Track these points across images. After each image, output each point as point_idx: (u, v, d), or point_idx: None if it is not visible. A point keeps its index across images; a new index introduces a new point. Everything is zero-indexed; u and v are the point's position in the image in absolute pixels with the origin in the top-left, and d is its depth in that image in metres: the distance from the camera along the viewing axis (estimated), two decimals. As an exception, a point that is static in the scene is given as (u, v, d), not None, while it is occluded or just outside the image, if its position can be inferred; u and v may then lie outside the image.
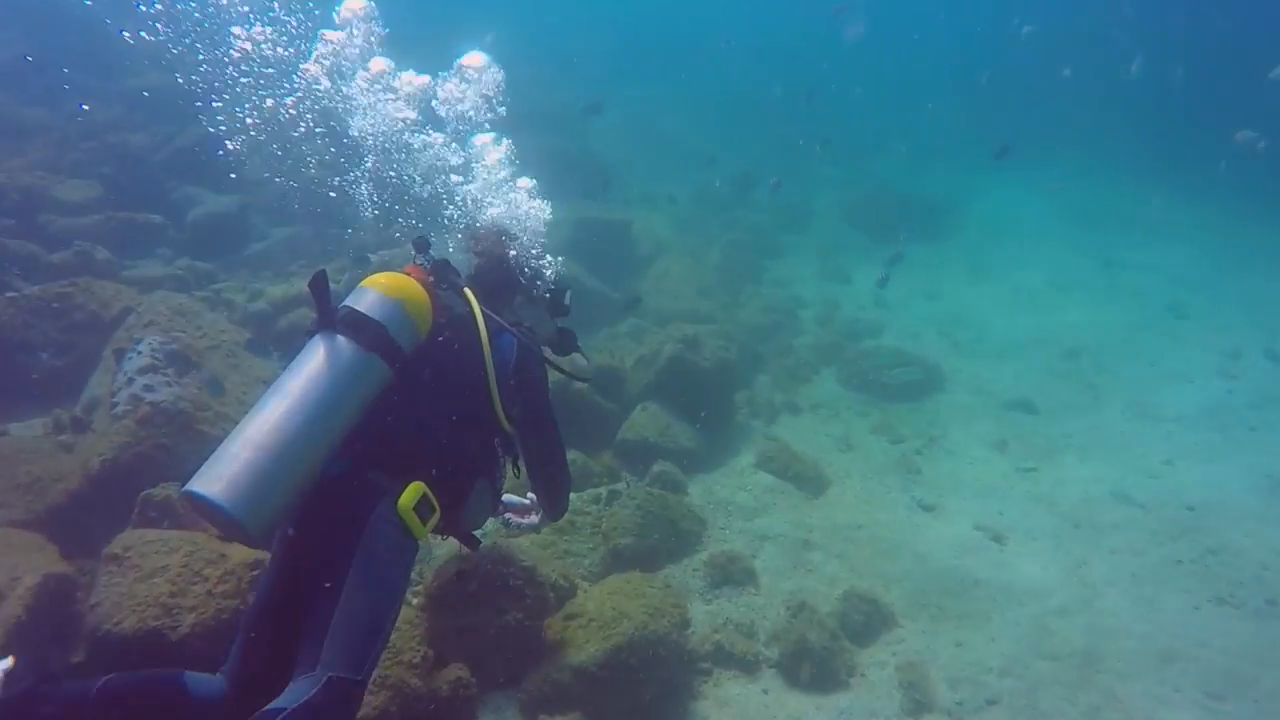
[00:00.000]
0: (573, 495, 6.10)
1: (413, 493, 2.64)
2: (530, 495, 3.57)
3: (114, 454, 5.40)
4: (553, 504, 3.46)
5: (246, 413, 2.58)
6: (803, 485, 7.46)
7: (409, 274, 2.94)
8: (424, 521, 2.69)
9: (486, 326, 2.96)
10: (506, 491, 3.45)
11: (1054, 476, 7.88)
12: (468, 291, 3.05)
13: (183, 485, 2.44)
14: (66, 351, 6.90)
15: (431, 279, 3.01)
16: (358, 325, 2.68)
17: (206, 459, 2.47)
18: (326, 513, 2.59)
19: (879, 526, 6.98)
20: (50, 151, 10.41)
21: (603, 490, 6.99)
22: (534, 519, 3.61)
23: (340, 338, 2.65)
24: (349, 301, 2.79)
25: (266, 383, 4.07)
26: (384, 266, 8.59)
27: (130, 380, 5.85)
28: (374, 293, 2.78)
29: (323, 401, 2.54)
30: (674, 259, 12.17)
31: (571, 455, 7.11)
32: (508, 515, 3.62)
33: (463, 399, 2.88)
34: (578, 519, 6.57)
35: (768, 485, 7.38)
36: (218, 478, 2.37)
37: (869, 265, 13.42)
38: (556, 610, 5.32)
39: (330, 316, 2.70)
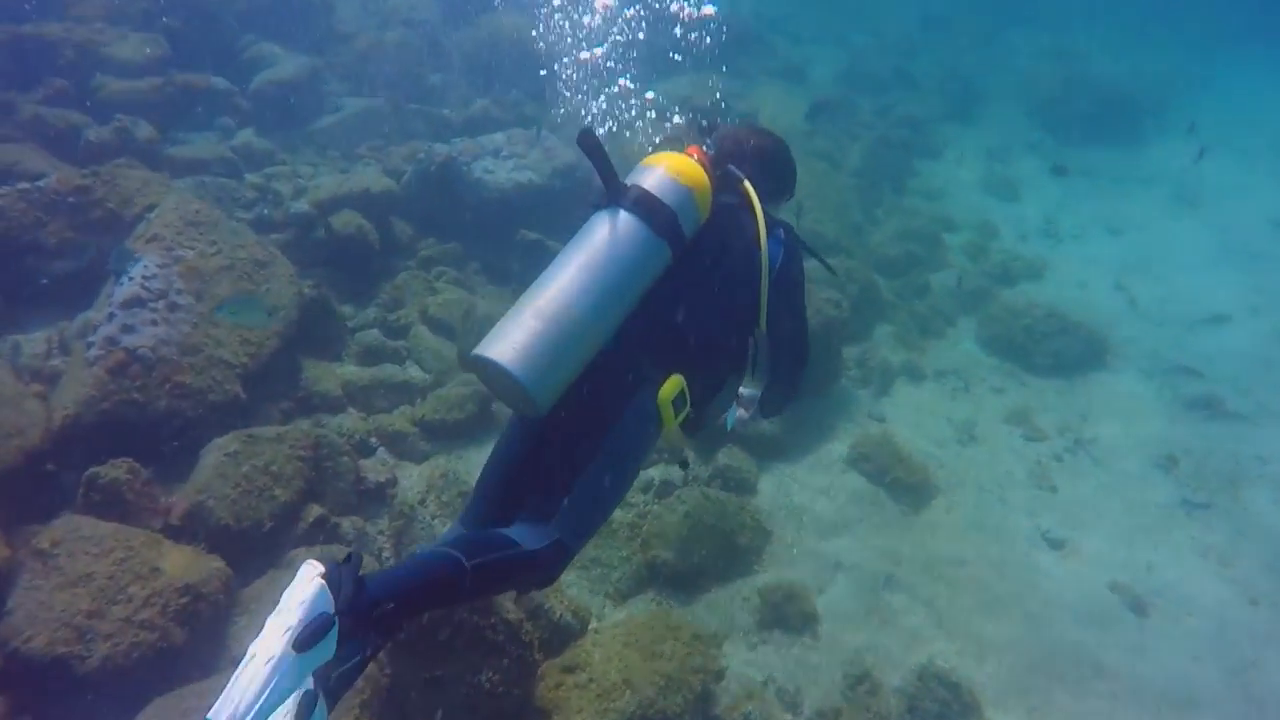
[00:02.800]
0: None
1: (673, 385, 2.67)
2: (744, 391, 3.35)
3: (77, 409, 4.84)
4: (785, 401, 3.33)
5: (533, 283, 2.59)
6: (901, 495, 6.22)
7: (691, 156, 2.85)
8: (676, 414, 2.70)
9: (765, 225, 2.90)
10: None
11: (1233, 520, 6.29)
12: (748, 186, 2.98)
13: (469, 352, 2.53)
14: (78, 255, 6.33)
15: (712, 165, 2.92)
16: (651, 208, 2.64)
17: (493, 329, 2.50)
18: (591, 389, 2.60)
19: (987, 565, 5.74)
20: (117, -3, 9.69)
21: (655, 474, 6.05)
22: (747, 413, 3.42)
23: (631, 217, 2.62)
24: (636, 179, 2.73)
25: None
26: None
27: (111, 315, 5.20)
28: (664, 174, 2.72)
29: (613, 282, 2.56)
30: (803, 163, 10.45)
31: None
32: (737, 411, 3.43)
33: (732, 294, 2.88)
34: (614, 515, 5.66)
35: (857, 491, 6.19)
36: (511, 345, 2.41)
37: (1047, 180, 11.25)
38: (558, 652, 4.55)
39: (620, 192, 2.68)
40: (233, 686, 1.89)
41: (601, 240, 2.60)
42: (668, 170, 2.72)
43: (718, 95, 11.24)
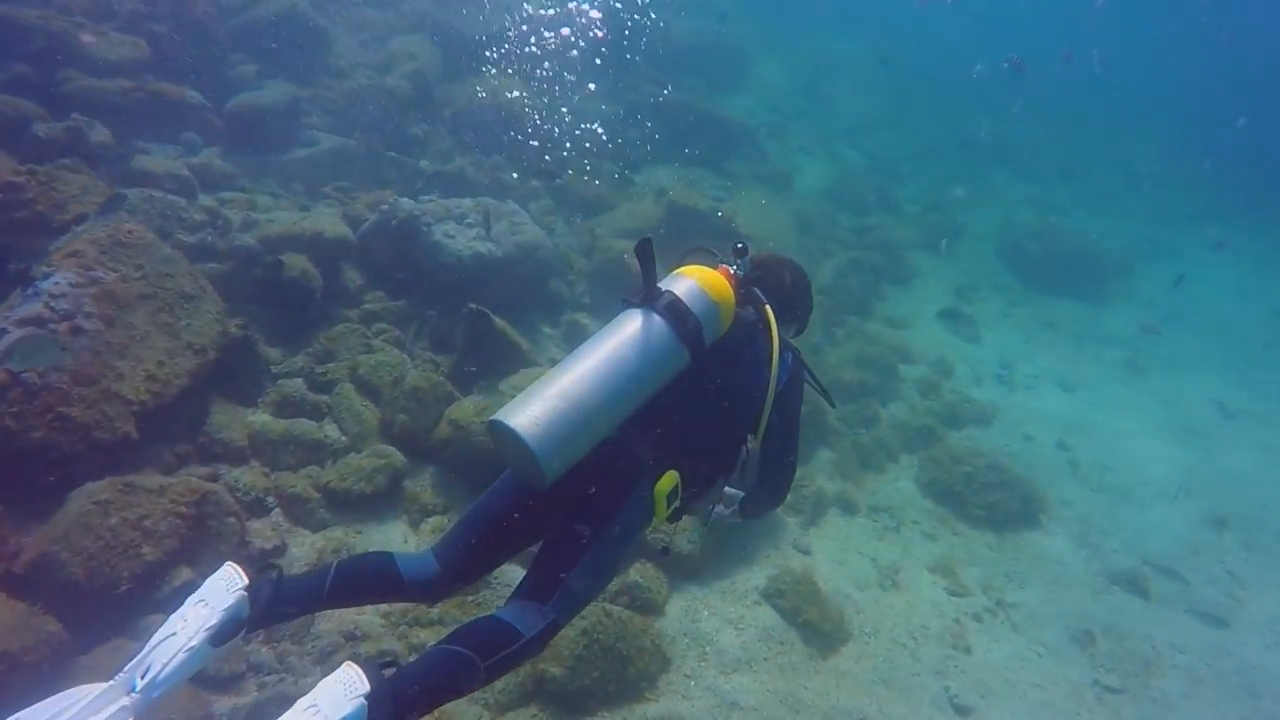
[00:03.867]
0: (517, 574, 5.05)
1: (669, 480, 2.88)
2: (728, 490, 3.51)
3: (-52, 433, 4.50)
4: (766, 508, 3.55)
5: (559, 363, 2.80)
6: (812, 638, 6.02)
7: (721, 274, 3.09)
8: (667, 507, 2.91)
9: (778, 345, 3.14)
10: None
11: (1141, 709, 6.16)
12: (769, 310, 3.22)
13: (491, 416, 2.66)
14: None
15: (739, 285, 3.18)
16: (679, 314, 2.86)
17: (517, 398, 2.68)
18: (593, 473, 2.78)
19: (888, 727, 5.51)
20: (107, -6, 9.54)
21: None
22: (727, 510, 3.59)
23: (660, 320, 2.84)
24: (670, 286, 2.94)
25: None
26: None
27: (3, 332, 4.89)
28: (695, 286, 2.94)
29: (635, 376, 2.75)
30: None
31: None
32: (718, 506, 3.63)
33: (736, 404, 3.10)
34: (510, 620, 5.37)
35: (767, 627, 5.97)
36: (531, 418, 2.57)
37: (1008, 326, 11.41)
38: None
39: (655, 294, 2.89)
40: (154, 650, 2.51)
41: (630, 336, 2.82)
42: (699, 283, 2.96)
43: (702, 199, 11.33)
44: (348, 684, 2.39)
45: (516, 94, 11.24)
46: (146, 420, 5.36)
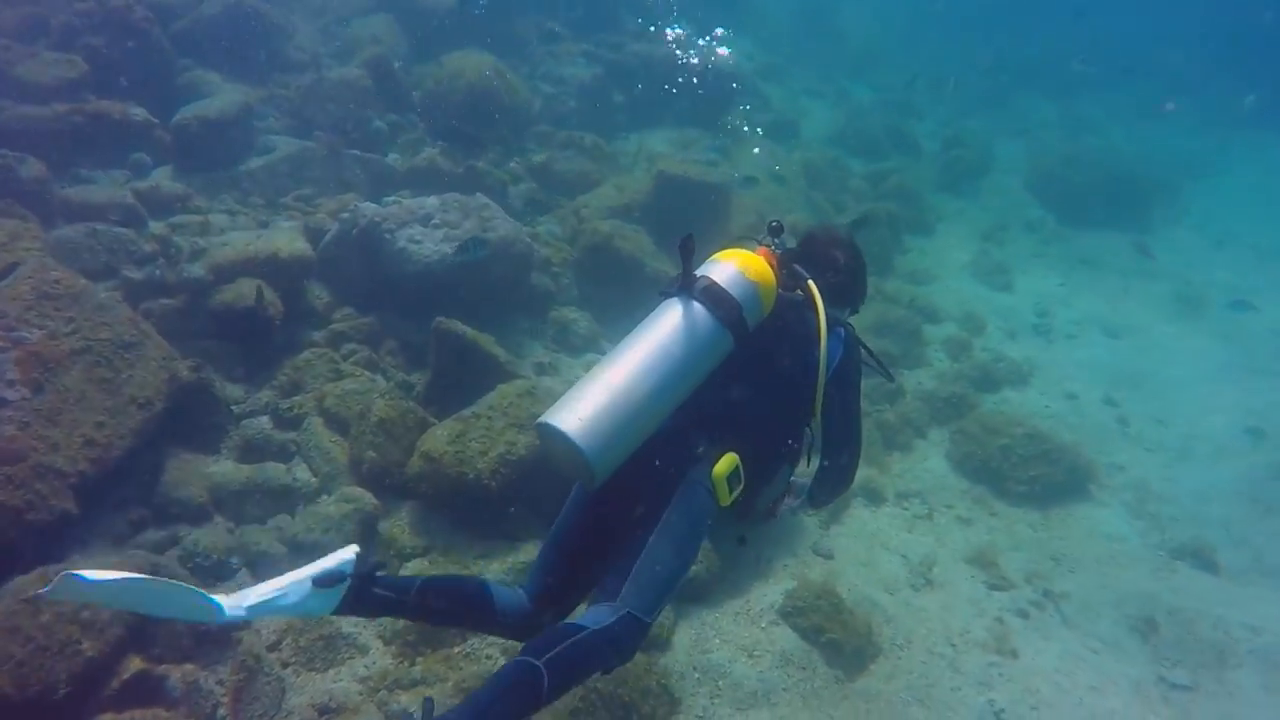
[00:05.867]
0: None
1: (727, 462, 2.88)
2: (795, 479, 3.50)
3: None
4: (834, 493, 3.57)
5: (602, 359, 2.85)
6: (836, 659, 5.59)
7: (760, 254, 3.11)
8: (730, 491, 2.90)
9: (826, 324, 3.11)
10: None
11: (1217, 709, 5.64)
12: (812, 285, 3.20)
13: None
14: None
15: (779, 265, 3.19)
16: (718, 300, 2.89)
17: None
18: (649, 466, 2.82)
19: (927, 755, 5.09)
20: (35, 8, 9.12)
21: (557, 619, 5.41)
22: (795, 501, 3.59)
23: (699, 306, 2.87)
24: (707, 272, 2.99)
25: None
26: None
27: (-89, 417, 4.57)
28: (733, 269, 2.98)
29: (678, 366, 2.80)
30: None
31: (534, 550, 5.63)
32: (786, 498, 3.59)
33: (786, 386, 3.10)
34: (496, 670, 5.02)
35: (786, 651, 5.56)
36: (577, 417, 2.63)
37: (1042, 268, 10.67)
38: None
39: (692, 281, 2.94)
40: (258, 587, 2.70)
41: (670, 325, 2.85)
42: (737, 266, 2.99)
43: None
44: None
45: (488, 69, 10.68)
46: (89, 491, 5.04)
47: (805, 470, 3.40)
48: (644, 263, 8.41)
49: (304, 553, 5.46)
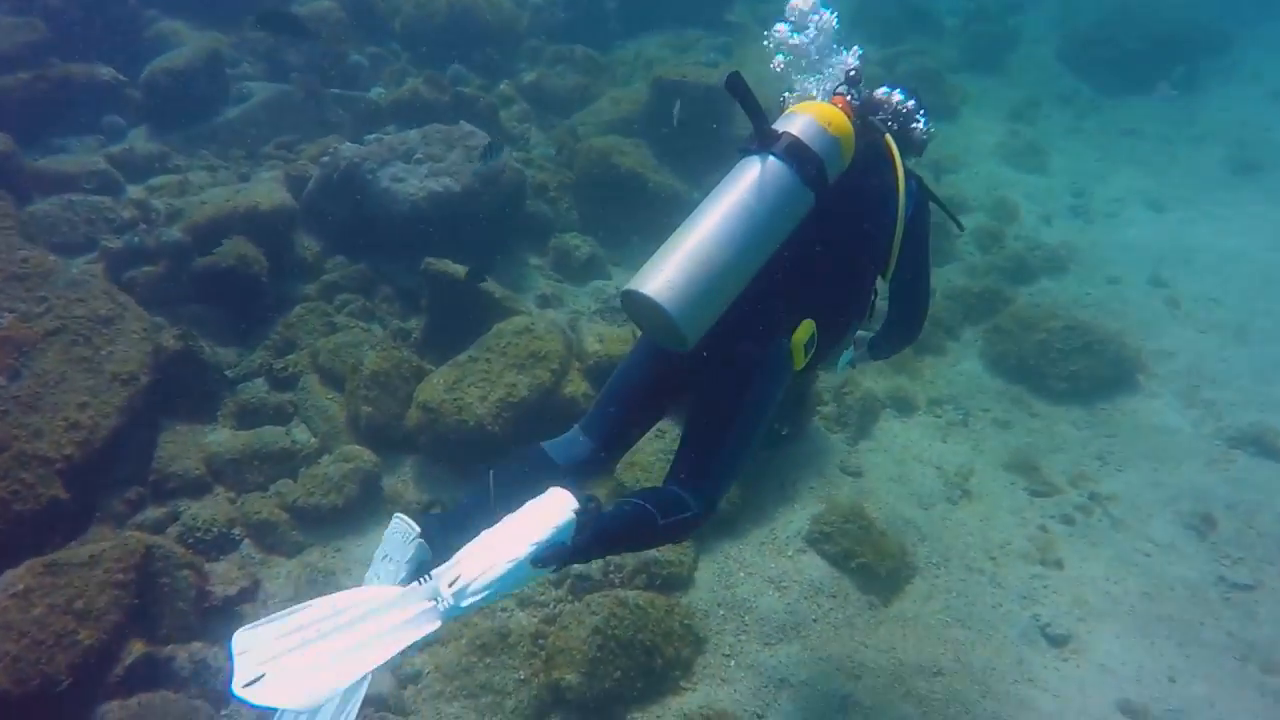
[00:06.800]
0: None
1: (805, 329, 2.90)
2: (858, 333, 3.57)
3: None
4: (900, 346, 3.69)
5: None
6: (869, 584, 5.35)
7: (836, 105, 3.04)
8: (805, 355, 2.92)
9: (903, 173, 3.11)
10: None
11: (1278, 611, 5.31)
12: (889, 139, 3.19)
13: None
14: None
15: (855, 116, 3.09)
16: (799, 155, 2.82)
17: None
18: (730, 331, 2.79)
19: (969, 676, 4.89)
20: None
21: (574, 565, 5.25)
22: (857, 353, 3.71)
23: (781, 164, 2.80)
24: (785, 126, 2.89)
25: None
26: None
27: (-121, 417, 4.44)
28: (814, 122, 2.89)
29: (761, 226, 2.75)
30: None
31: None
32: (846, 352, 3.67)
33: (867, 241, 3.08)
34: (512, 624, 4.92)
35: (815, 580, 5.33)
36: (667, 283, 2.61)
37: (1078, 144, 9.95)
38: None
39: (772, 137, 2.86)
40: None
41: (751, 184, 2.78)
42: (818, 119, 2.89)
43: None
44: (561, 501, 2.56)
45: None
46: (78, 475, 4.93)
47: (868, 324, 3.40)
48: (646, 178, 7.97)
49: (307, 520, 5.33)
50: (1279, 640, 5.09)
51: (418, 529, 2.74)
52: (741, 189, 2.78)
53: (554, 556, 2.42)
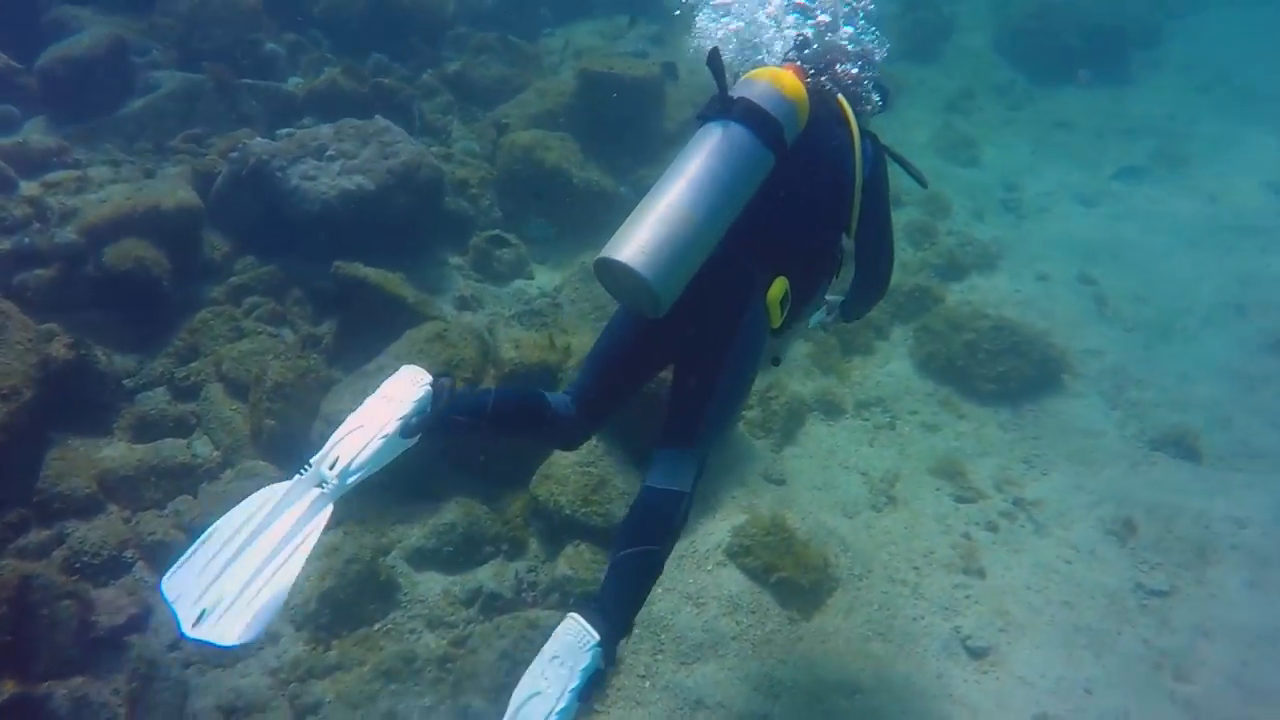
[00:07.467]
0: (435, 587, 5.08)
1: (779, 286, 3.03)
2: (828, 297, 3.76)
3: None
4: (869, 304, 3.80)
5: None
6: (790, 598, 5.26)
7: (789, 71, 3.12)
8: (781, 313, 3.05)
9: (857, 133, 3.22)
10: None
11: (1196, 612, 5.34)
12: (842, 99, 3.30)
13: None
14: None
15: (808, 80, 3.22)
16: (759, 120, 2.92)
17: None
18: (706, 292, 2.89)
19: (887, 693, 4.83)
20: None
21: (484, 580, 5.14)
22: (829, 316, 3.93)
23: (739, 127, 2.90)
24: (742, 92, 2.99)
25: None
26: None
27: None
28: (769, 86, 3.00)
29: (726, 187, 2.84)
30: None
31: (460, 509, 5.35)
32: (817, 314, 3.89)
33: (827, 199, 3.20)
34: (419, 648, 4.74)
35: (733, 596, 5.23)
36: (638, 248, 2.70)
37: (1011, 135, 9.94)
38: None
39: (730, 104, 2.96)
40: (342, 444, 2.75)
41: (713, 148, 2.88)
42: (772, 83, 3.00)
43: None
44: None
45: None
46: (-49, 500, 4.63)
47: (836, 285, 3.53)
48: (571, 174, 7.75)
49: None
50: (1190, 648, 5.11)
51: (429, 377, 3.02)
52: (704, 154, 2.87)
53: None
